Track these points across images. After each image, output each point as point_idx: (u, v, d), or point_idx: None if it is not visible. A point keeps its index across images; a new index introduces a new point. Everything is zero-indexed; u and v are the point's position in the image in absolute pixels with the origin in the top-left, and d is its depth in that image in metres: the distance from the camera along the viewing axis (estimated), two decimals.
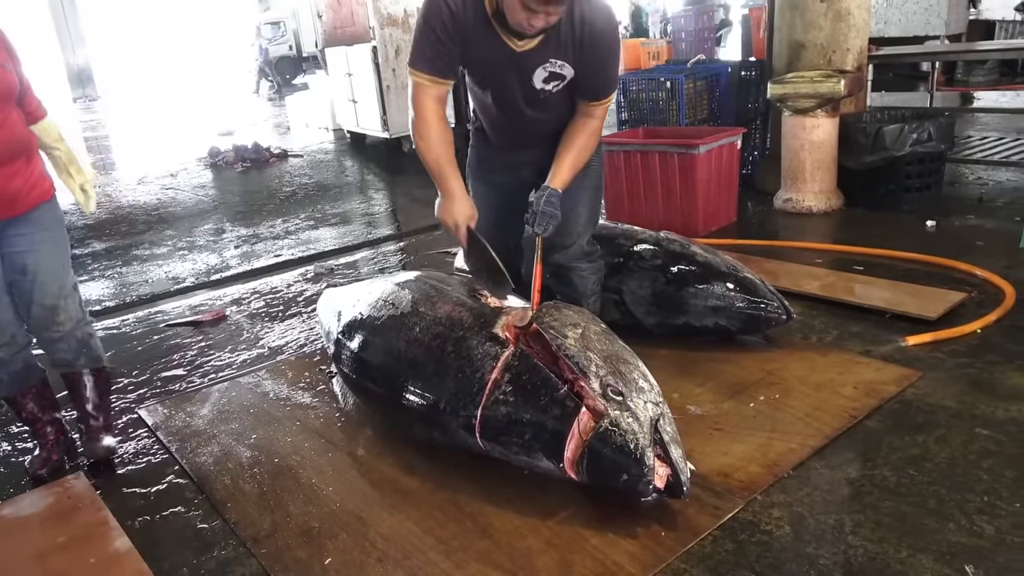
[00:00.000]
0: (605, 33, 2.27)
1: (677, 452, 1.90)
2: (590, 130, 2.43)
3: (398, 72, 7.76)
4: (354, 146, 9.06)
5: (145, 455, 2.61)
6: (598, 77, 2.36)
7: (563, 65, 2.29)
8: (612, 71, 2.39)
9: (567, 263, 2.60)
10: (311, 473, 2.36)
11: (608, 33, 2.28)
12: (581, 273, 2.63)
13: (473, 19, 2.20)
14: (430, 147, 2.33)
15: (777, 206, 4.85)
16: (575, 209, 2.53)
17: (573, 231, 2.54)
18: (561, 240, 2.55)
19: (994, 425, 2.28)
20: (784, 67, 4.89)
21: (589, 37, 2.23)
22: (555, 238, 2.51)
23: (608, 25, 2.28)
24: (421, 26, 2.24)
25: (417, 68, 2.28)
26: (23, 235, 2.32)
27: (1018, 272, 3.42)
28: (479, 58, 2.32)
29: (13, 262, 2.34)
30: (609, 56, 2.33)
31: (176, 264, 5.01)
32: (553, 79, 2.32)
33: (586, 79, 2.35)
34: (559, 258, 2.59)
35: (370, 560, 1.94)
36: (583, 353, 1.98)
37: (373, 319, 2.46)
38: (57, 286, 2.39)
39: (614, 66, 2.39)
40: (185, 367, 3.32)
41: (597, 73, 2.34)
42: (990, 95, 8.32)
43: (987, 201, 4.61)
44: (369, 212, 6.24)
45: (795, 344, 2.94)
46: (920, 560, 1.77)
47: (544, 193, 2.35)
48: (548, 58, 2.27)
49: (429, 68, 2.26)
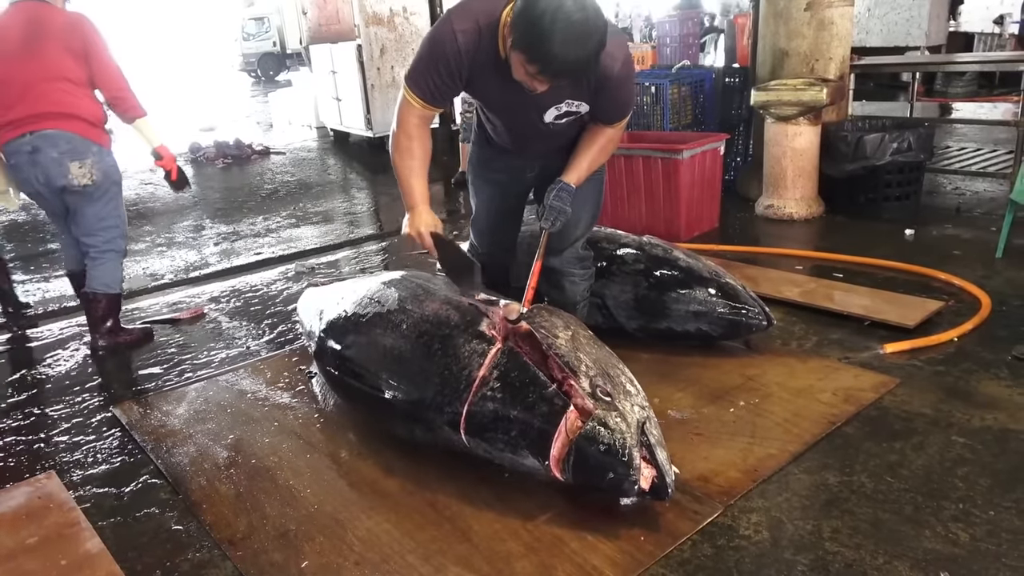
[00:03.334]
0: (622, 75, 2.22)
1: (662, 455, 1.90)
2: (609, 135, 2.42)
3: (383, 71, 7.73)
4: (337, 144, 9.01)
5: (119, 455, 2.57)
6: (614, 108, 2.34)
7: (580, 104, 2.26)
8: (627, 101, 2.36)
9: (560, 267, 2.59)
10: (289, 475, 2.33)
11: (624, 74, 2.23)
12: (573, 279, 2.63)
13: (484, 58, 2.14)
14: (404, 162, 2.35)
15: (759, 212, 4.88)
16: (576, 214, 2.51)
17: (570, 236, 2.54)
18: (557, 244, 2.55)
19: (969, 433, 2.31)
20: (768, 74, 4.92)
21: (605, 79, 2.18)
22: (552, 241, 2.51)
23: (624, 66, 2.22)
24: (426, 54, 2.18)
25: (411, 89, 2.25)
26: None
27: (994, 282, 3.47)
28: (488, 94, 2.30)
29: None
30: (626, 93, 2.30)
31: (154, 260, 4.95)
32: (567, 116, 2.30)
33: (603, 110, 2.33)
34: (554, 262, 2.58)
35: (347, 563, 1.92)
36: (573, 353, 1.99)
37: (358, 317, 2.44)
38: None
39: (629, 94, 2.34)
40: (162, 365, 3.28)
41: (613, 105, 2.32)
42: (968, 106, 8.46)
43: (964, 211, 4.68)
44: (351, 211, 6.20)
45: (775, 350, 2.96)
46: (896, 567, 1.78)
47: (556, 187, 2.33)
48: (565, 99, 2.24)
49: (424, 96, 2.25)
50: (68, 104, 3.07)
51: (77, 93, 3.10)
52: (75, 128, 3.09)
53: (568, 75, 2.01)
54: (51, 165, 3.07)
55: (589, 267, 2.69)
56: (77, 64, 3.07)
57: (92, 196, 3.21)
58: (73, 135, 3.08)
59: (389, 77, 7.77)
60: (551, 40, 1.87)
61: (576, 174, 2.36)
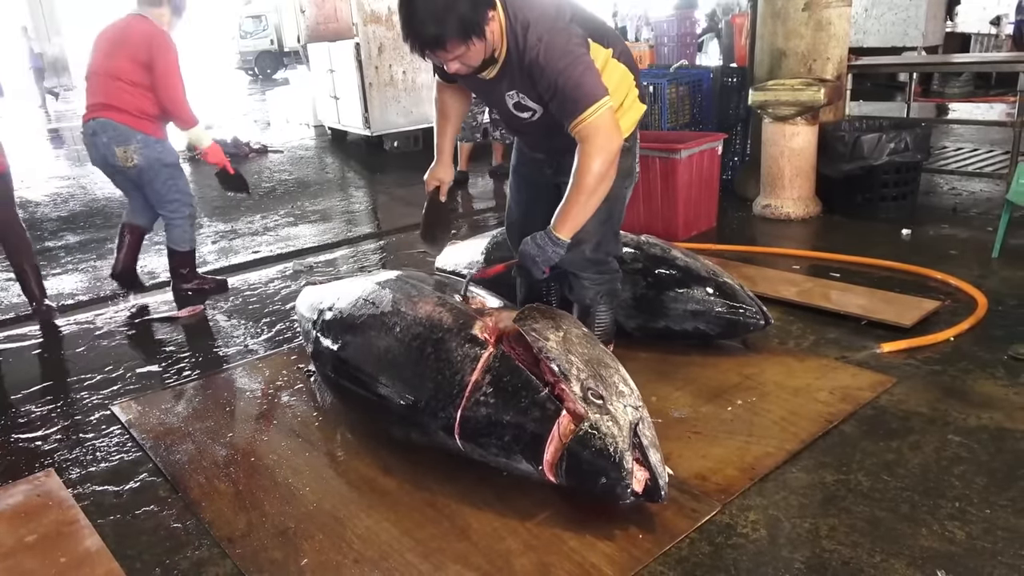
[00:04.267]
0: (546, 63, 2.08)
1: (655, 456, 1.91)
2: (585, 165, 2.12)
3: (380, 70, 7.72)
4: (335, 143, 9.00)
5: (118, 452, 2.57)
6: (563, 103, 2.12)
7: (525, 98, 2.25)
8: (573, 90, 2.09)
9: (570, 269, 2.53)
10: (287, 473, 2.33)
11: (550, 61, 2.08)
12: (583, 282, 2.55)
13: None
14: (437, 120, 2.66)
15: (756, 212, 4.89)
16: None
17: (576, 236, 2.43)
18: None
19: (966, 432, 2.32)
20: (765, 74, 4.93)
21: (531, 65, 2.10)
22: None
23: (543, 52, 2.08)
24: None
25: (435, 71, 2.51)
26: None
27: (990, 281, 3.49)
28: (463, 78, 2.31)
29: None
30: (564, 82, 2.08)
31: (152, 259, 4.94)
32: (524, 110, 2.28)
33: (553, 104, 2.16)
34: (563, 263, 2.51)
35: (347, 561, 1.92)
36: (564, 356, 1.98)
37: (353, 318, 2.44)
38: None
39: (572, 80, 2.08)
40: (160, 363, 3.28)
41: (560, 100, 2.12)
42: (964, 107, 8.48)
43: (961, 211, 4.69)
44: (349, 210, 6.20)
45: (772, 349, 2.97)
46: (893, 565, 1.79)
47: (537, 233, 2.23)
48: (510, 89, 2.25)
49: (440, 75, 2.50)
50: (117, 99, 3.68)
51: (128, 90, 3.67)
52: (122, 119, 3.69)
53: (431, 49, 2.04)
54: (103, 147, 3.75)
55: (607, 272, 2.57)
56: (136, 69, 3.65)
57: (148, 177, 3.83)
58: (120, 124, 3.69)
59: (387, 76, 7.77)
60: (406, 21, 2.02)
61: (563, 225, 2.18)
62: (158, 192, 3.89)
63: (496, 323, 2.15)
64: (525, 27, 2.11)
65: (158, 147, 3.79)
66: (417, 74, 7.88)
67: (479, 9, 2.01)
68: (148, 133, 3.74)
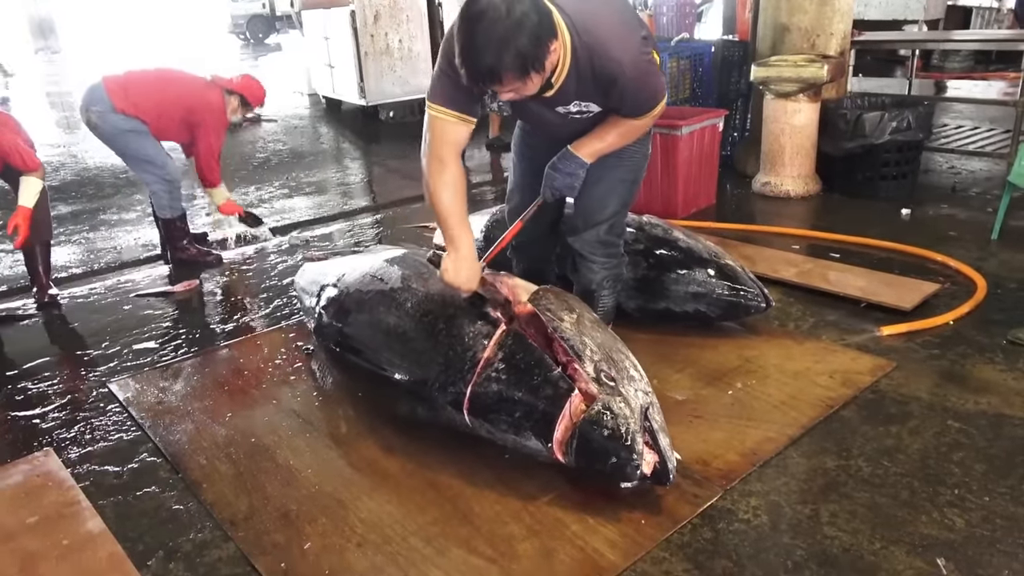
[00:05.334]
0: (631, 76, 2.09)
1: (665, 440, 1.92)
2: (632, 125, 2.27)
3: (376, 38, 7.60)
4: (330, 112, 8.88)
5: (117, 432, 2.56)
6: (632, 107, 2.21)
7: (588, 105, 2.20)
8: (647, 98, 2.19)
9: (580, 249, 2.50)
10: (288, 454, 2.33)
11: (634, 75, 2.10)
12: (591, 264, 2.53)
13: None
14: (441, 198, 2.14)
15: (755, 189, 4.87)
16: (603, 199, 2.43)
17: (592, 218, 2.44)
18: (578, 222, 2.46)
19: (965, 418, 2.34)
20: (768, 49, 4.88)
21: (610, 83, 2.09)
22: (575, 219, 2.44)
23: (634, 67, 2.09)
24: (442, 63, 2.11)
25: (436, 103, 2.12)
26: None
27: (989, 264, 3.49)
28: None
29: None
30: (644, 92, 2.17)
31: (146, 230, 4.88)
32: (580, 112, 2.23)
33: (621, 109, 2.22)
34: (573, 241, 2.50)
35: (350, 545, 1.93)
36: (578, 337, 1.99)
37: (361, 294, 2.43)
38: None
39: (647, 92, 2.18)
40: (157, 339, 3.26)
41: (630, 105, 2.20)
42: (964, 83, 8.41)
43: (960, 191, 4.68)
44: (345, 182, 6.14)
45: (772, 331, 2.97)
46: (893, 552, 1.81)
47: (560, 153, 2.26)
48: (572, 101, 2.18)
49: (450, 104, 2.11)
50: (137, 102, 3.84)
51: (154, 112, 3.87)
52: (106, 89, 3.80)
53: (485, 82, 1.92)
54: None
55: (616, 256, 2.56)
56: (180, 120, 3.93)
57: (115, 145, 3.90)
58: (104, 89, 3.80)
59: (383, 44, 7.64)
60: (463, 48, 1.88)
61: (586, 148, 2.25)
62: (128, 158, 3.97)
63: (512, 300, 2.14)
64: (597, 45, 2.04)
65: (117, 119, 3.79)
66: (413, 42, 7.76)
67: (541, 44, 1.89)
68: (117, 108, 3.76)
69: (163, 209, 4.06)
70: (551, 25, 1.92)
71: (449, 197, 2.14)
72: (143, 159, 3.92)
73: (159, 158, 3.93)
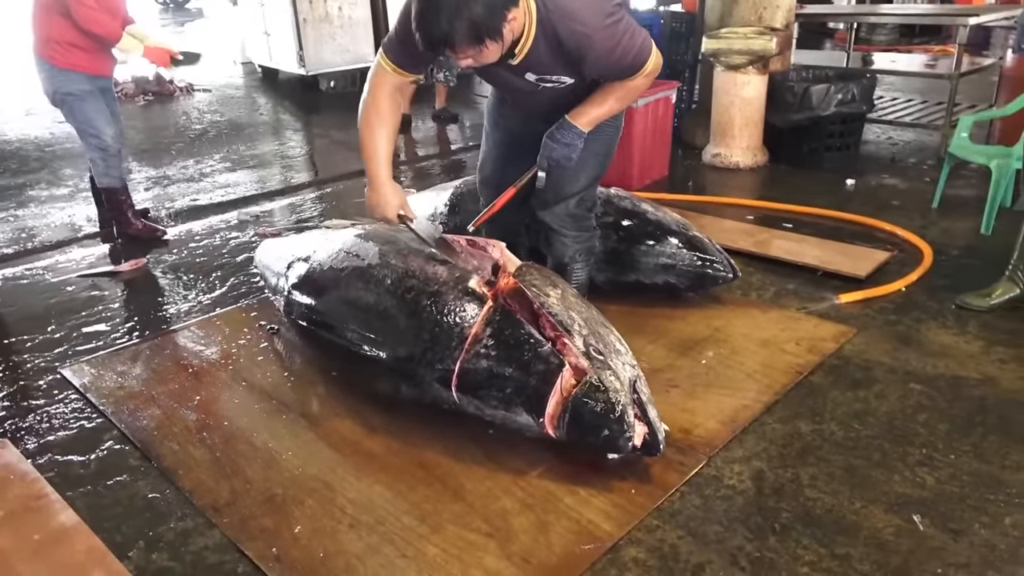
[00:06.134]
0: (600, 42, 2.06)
1: (653, 412, 1.95)
2: (628, 87, 2.23)
3: (315, 4, 7.33)
4: (266, 82, 8.55)
5: (76, 419, 2.44)
6: (614, 72, 2.18)
7: (560, 78, 2.18)
8: (627, 63, 2.14)
9: (551, 223, 2.51)
10: (266, 436, 2.27)
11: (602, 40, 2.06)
12: (563, 239, 2.54)
13: None
14: (372, 134, 2.27)
15: (706, 160, 4.95)
16: (574, 172, 2.42)
17: (563, 191, 2.44)
18: (548, 196, 2.46)
19: (925, 380, 2.45)
20: (716, 21, 4.93)
21: (581, 54, 2.07)
22: (545, 192, 2.44)
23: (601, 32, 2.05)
24: (404, 20, 2.07)
25: (388, 55, 2.20)
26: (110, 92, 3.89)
27: (932, 232, 3.65)
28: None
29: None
30: (619, 55, 2.11)
31: (80, 207, 4.63)
32: (547, 83, 2.20)
33: (609, 74, 2.19)
34: (544, 215, 2.51)
35: (341, 527, 1.90)
36: (566, 312, 1.99)
37: (336, 270, 2.37)
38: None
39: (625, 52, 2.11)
40: (108, 322, 3.11)
41: (610, 71, 2.17)
42: (889, 55, 8.71)
43: (898, 161, 4.87)
44: (287, 155, 5.95)
45: (737, 301, 3.04)
46: (872, 511, 1.90)
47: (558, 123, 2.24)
48: (538, 72, 2.16)
49: (399, 61, 2.19)
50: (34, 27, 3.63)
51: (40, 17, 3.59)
52: (36, 49, 3.64)
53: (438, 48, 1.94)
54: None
55: (587, 230, 2.58)
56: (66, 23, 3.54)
57: (62, 110, 3.75)
58: (36, 56, 3.66)
59: (323, 11, 7.38)
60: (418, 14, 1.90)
61: (583, 117, 2.22)
62: (72, 123, 3.81)
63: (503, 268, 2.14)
64: (562, 15, 2.01)
65: (60, 77, 3.63)
66: (354, 9, 7.52)
67: (496, 12, 1.88)
68: (51, 62, 3.60)
69: (99, 176, 3.90)
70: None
71: (375, 141, 2.26)
72: (81, 123, 3.75)
73: (95, 124, 3.75)
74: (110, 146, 3.79)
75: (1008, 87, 4.52)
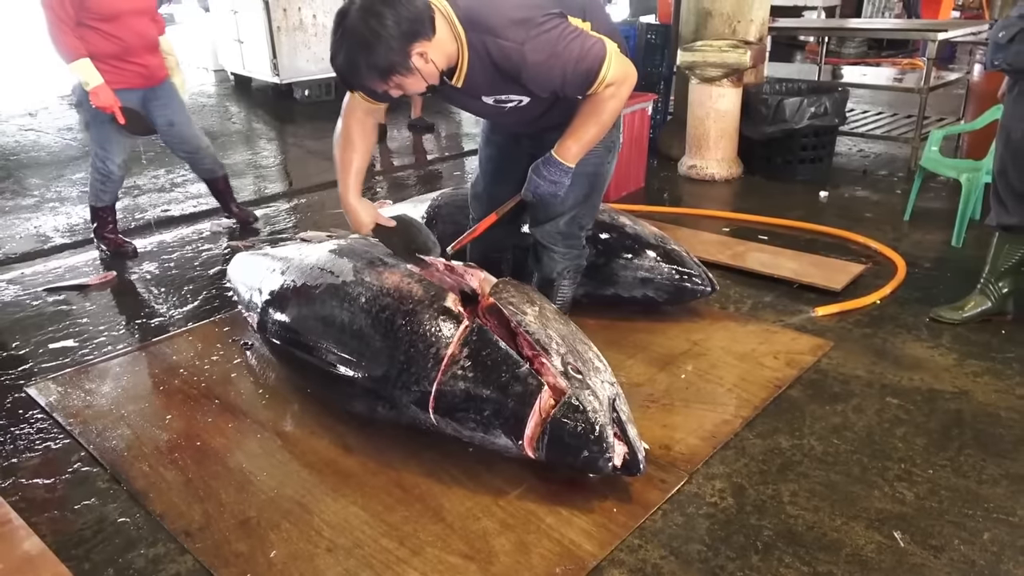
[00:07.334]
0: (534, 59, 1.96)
1: (633, 431, 1.93)
2: (594, 103, 2.10)
3: (290, 12, 7.27)
4: (239, 90, 8.46)
5: (43, 440, 2.36)
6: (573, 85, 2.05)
7: (509, 97, 2.14)
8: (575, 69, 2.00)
9: (540, 239, 2.50)
10: (240, 457, 2.22)
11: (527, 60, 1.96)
12: (552, 255, 2.52)
13: None
14: (341, 155, 2.30)
15: (681, 172, 4.97)
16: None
17: (551, 210, 2.42)
18: (538, 214, 2.46)
19: (902, 394, 2.47)
20: (691, 34, 4.96)
21: (517, 71, 2.00)
22: (535, 210, 2.44)
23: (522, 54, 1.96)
24: None
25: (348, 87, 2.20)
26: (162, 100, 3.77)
27: (904, 244, 3.69)
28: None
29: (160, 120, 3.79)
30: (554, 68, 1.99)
31: (47, 218, 4.53)
32: (506, 103, 2.17)
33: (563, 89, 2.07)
34: (534, 231, 2.51)
35: (319, 551, 1.86)
36: (543, 331, 1.97)
37: (310, 287, 2.32)
38: (195, 130, 3.99)
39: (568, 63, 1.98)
40: (75, 338, 3.03)
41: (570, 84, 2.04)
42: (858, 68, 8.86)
43: (870, 173, 4.93)
44: (260, 164, 5.87)
45: (715, 314, 3.04)
46: (854, 528, 1.90)
47: (541, 159, 2.21)
48: (488, 93, 2.13)
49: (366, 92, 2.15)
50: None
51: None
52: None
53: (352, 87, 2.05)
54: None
55: (576, 247, 2.55)
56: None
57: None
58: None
59: (297, 19, 7.32)
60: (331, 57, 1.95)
61: (568, 151, 2.17)
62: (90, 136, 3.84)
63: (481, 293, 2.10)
64: (488, 36, 1.96)
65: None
66: (329, 17, 7.44)
67: (395, 51, 1.87)
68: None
69: (92, 194, 3.86)
70: (419, 27, 1.88)
71: (340, 158, 2.30)
72: (94, 141, 3.76)
73: (106, 147, 3.70)
74: (113, 173, 3.76)
75: (975, 101, 4.61)
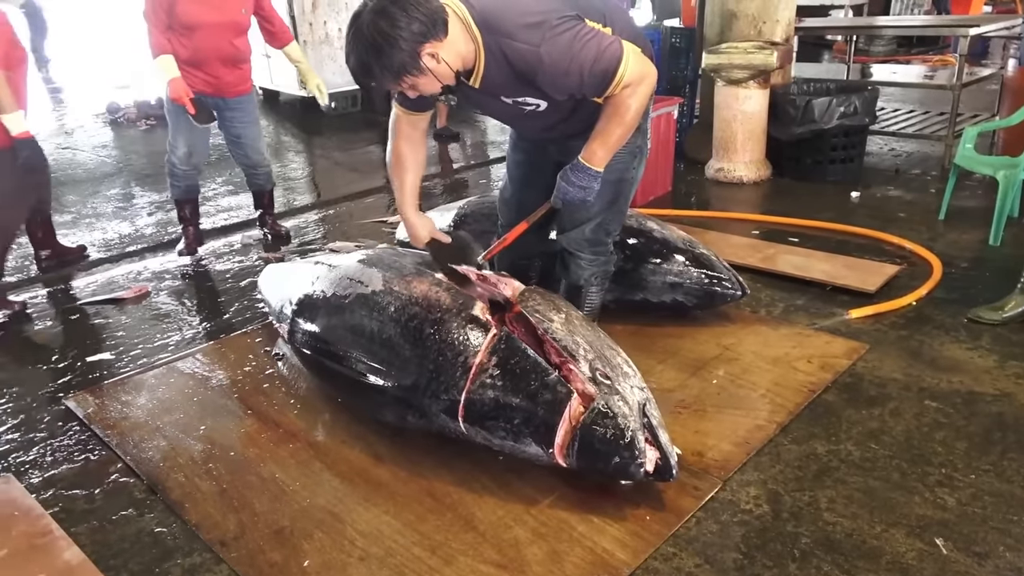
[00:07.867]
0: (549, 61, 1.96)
1: (664, 436, 1.91)
2: (614, 105, 2.08)
3: (315, 26, 7.36)
4: (267, 104, 8.56)
5: (81, 452, 2.41)
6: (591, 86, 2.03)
7: (526, 100, 2.15)
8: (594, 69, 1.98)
9: (567, 247, 2.51)
10: (273, 467, 2.24)
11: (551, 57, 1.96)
12: (579, 262, 2.52)
13: None
14: (395, 173, 2.40)
15: (709, 175, 4.93)
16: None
17: (577, 217, 2.43)
18: (565, 221, 2.48)
19: (941, 397, 2.41)
20: (716, 36, 4.93)
21: (532, 74, 1.99)
22: (561, 218, 2.46)
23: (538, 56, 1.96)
24: None
25: (395, 98, 2.30)
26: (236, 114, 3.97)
27: (940, 244, 3.62)
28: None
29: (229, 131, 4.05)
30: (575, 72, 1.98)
31: (83, 234, 4.63)
32: (525, 106, 2.17)
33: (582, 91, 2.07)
34: (561, 239, 2.52)
35: (352, 560, 1.86)
36: (571, 337, 1.96)
37: (340, 298, 2.34)
38: (258, 147, 4.17)
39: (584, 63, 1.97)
40: (112, 351, 3.08)
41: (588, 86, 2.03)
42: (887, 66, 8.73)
43: (903, 172, 4.84)
44: (288, 176, 5.94)
45: (746, 318, 3.00)
46: (894, 535, 1.86)
47: (569, 165, 2.20)
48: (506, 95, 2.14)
49: (403, 103, 2.29)
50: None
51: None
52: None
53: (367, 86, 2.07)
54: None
55: (603, 254, 2.54)
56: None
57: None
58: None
59: (322, 33, 7.41)
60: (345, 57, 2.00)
61: (595, 155, 2.15)
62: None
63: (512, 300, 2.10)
64: (503, 38, 1.97)
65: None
66: None
67: (404, 51, 1.89)
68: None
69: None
70: (430, 28, 1.89)
71: (394, 176, 2.40)
72: (169, 131, 3.94)
73: (173, 138, 3.91)
74: (175, 165, 3.94)
75: (1011, 97, 4.51)
